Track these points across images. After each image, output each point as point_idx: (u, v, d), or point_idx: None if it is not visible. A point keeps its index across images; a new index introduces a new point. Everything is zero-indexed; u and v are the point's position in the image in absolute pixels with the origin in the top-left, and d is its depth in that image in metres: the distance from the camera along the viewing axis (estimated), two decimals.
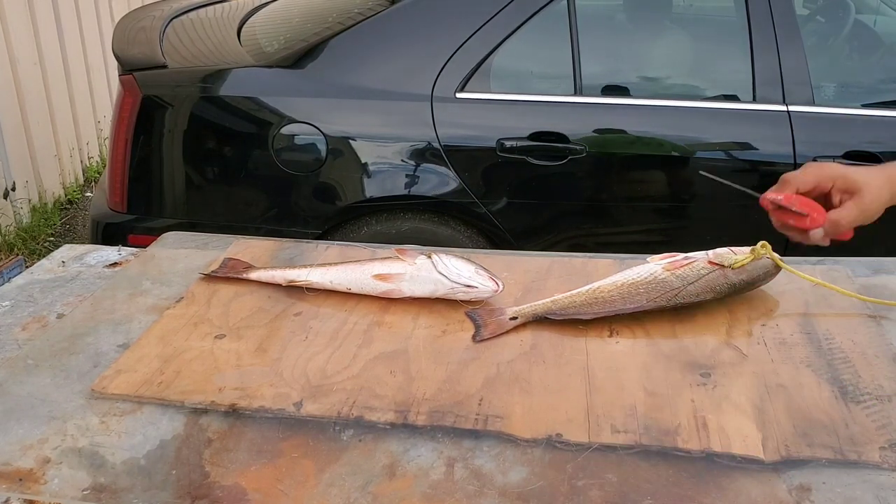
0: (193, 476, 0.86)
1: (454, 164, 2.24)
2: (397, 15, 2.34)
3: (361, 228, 2.29)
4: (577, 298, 1.17)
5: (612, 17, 2.85)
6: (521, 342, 1.11)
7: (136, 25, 2.59)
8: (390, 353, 1.09)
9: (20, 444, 0.91)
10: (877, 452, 0.87)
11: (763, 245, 1.22)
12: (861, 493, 0.82)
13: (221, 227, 2.14)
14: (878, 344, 1.09)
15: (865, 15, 2.83)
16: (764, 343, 1.10)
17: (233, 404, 0.97)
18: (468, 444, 0.91)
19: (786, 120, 2.22)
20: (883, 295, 1.22)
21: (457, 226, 2.31)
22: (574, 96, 2.30)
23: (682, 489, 0.83)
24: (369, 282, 1.22)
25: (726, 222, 2.41)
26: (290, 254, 1.40)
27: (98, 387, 1.01)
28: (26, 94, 3.80)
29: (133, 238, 2.28)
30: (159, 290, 1.28)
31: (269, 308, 1.21)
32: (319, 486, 0.84)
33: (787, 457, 0.87)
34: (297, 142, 2.26)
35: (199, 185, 2.37)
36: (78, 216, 4.07)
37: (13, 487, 0.85)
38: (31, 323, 1.21)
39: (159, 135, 2.29)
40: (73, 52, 4.19)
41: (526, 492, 0.83)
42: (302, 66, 2.30)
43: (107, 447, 0.91)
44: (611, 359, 1.07)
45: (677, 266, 1.19)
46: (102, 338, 1.14)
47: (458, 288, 1.19)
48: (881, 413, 0.94)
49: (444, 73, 2.24)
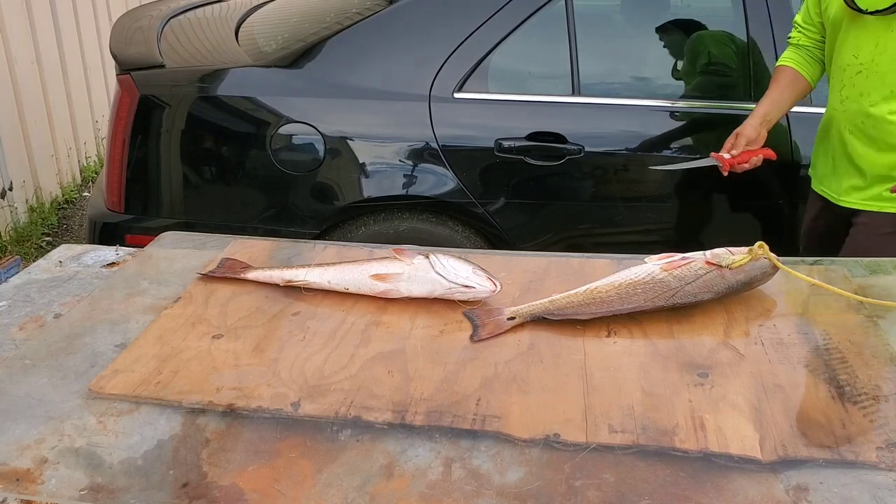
0: (191, 476, 0.86)
1: (452, 164, 2.24)
2: (395, 15, 2.33)
3: (359, 228, 2.29)
4: (574, 298, 1.17)
5: (609, 17, 2.85)
6: (518, 342, 1.11)
7: (134, 25, 2.59)
8: (388, 353, 1.09)
9: (17, 444, 0.91)
10: (874, 452, 0.88)
11: (760, 245, 1.22)
12: (858, 492, 0.82)
13: (219, 227, 2.14)
14: (875, 344, 1.09)
15: None
16: (761, 343, 1.10)
17: (230, 404, 0.97)
18: (466, 444, 0.91)
19: (784, 120, 2.23)
20: (880, 295, 1.22)
21: (454, 226, 2.31)
22: (572, 96, 2.30)
23: (679, 489, 0.83)
24: (367, 282, 1.22)
25: (725, 222, 2.41)
26: (287, 254, 1.40)
27: (95, 387, 1.01)
28: (23, 94, 3.79)
29: (130, 238, 2.27)
30: (157, 289, 1.28)
31: (266, 308, 1.21)
32: (317, 486, 0.84)
33: (784, 457, 0.87)
34: (294, 142, 2.26)
35: (197, 184, 2.36)
36: (75, 216, 4.07)
37: (10, 488, 0.84)
38: (29, 323, 1.20)
39: (157, 134, 2.29)
40: (70, 52, 4.18)
41: (523, 492, 0.83)
42: (300, 66, 2.29)
43: (104, 447, 0.90)
44: (608, 359, 1.07)
45: (675, 266, 1.20)
46: (100, 338, 1.14)
47: (456, 288, 1.19)
48: (878, 413, 0.94)
49: (442, 73, 2.24)
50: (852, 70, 1.82)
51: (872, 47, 1.78)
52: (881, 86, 1.78)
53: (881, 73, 1.78)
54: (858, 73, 1.81)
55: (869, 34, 1.78)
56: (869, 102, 1.80)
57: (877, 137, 1.81)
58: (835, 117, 1.90)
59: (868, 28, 1.78)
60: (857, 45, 1.81)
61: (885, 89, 1.78)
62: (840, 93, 1.86)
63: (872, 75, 1.79)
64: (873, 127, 1.80)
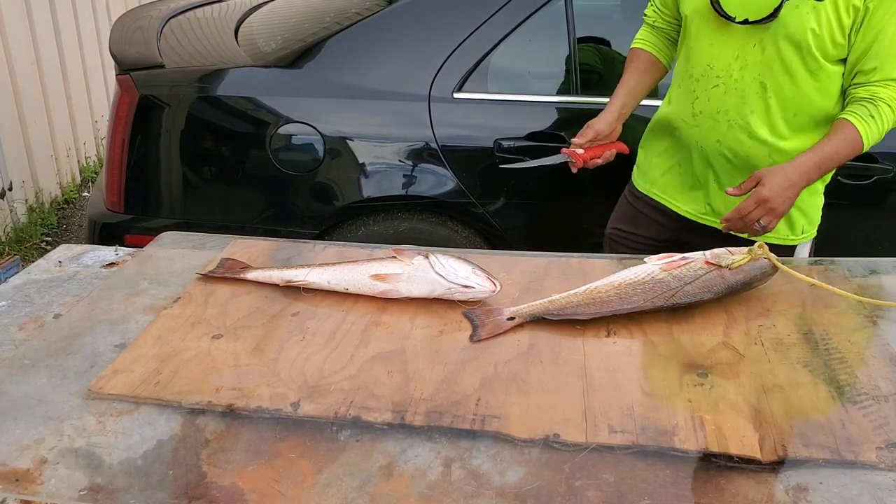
0: (190, 476, 0.86)
1: (451, 165, 2.23)
2: (395, 15, 2.33)
3: (359, 228, 2.29)
4: (574, 299, 1.17)
5: (609, 17, 2.85)
6: (518, 342, 1.11)
7: (133, 25, 2.59)
8: (388, 353, 1.09)
9: (17, 444, 0.91)
10: (873, 452, 0.88)
11: (760, 246, 1.22)
12: (858, 492, 0.82)
13: (218, 228, 2.14)
14: (875, 344, 1.09)
15: None
16: (761, 343, 1.10)
17: (230, 404, 0.97)
18: (465, 445, 0.91)
19: None
20: (879, 295, 1.22)
21: (454, 226, 2.31)
22: (571, 96, 2.30)
23: (679, 489, 0.83)
24: (367, 282, 1.22)
25: None
26: (287, 254, 1.40)
27: (95, 387, 1.01)
28: (23, 94, 3.79)
29: (130, 238, 2.27)
30: (156, 290, 1.28)
31: (266, 308, 1.21)
32: (317, 486, 0.84)
33: (784, 457, 0.87)
34: (294, 142, 2.26)
35: (197, 185, 2.36)
36: (75, 216, 4.06)
37: (10, 488, 0.84)
38: (28, 323, 1.20)
39: (156, 135, 2.29)
40: (70, 52, 4.18)
41: (523, 492, 0.83)
42: (299, 66, 2.29)
43: (104, 447, 0.90)
44: (608, 359, 1.07)
45: (675, 266, 1.20)
46: (99, 338, 1.14)
47: (456, 288, 1.19)
48: (878, 413, 0.94)
49: (441, 74, 2.24)
50: (707, 82, 1.60)
51: (732, 60, 1.56)
52: (741, 105, 1.57)
53: (741, 91, 1.56)
54: (715, 86, 1.59)
55: (729, 45, 1.56)
56: (727, 123, 1.59)
57: (736, 163, 1.62)
58: (685, 132, 1.68)
59: (730, 37, 1.55)
60: (712, 54, 1.58)
61: (745, 109, 1.57)
62: (692, 105, 1.65)
63: (732, 92, 1.57)
64: (730, 150, 1.62)
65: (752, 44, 1.54)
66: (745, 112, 1.58)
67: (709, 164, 1.67)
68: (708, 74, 1.60)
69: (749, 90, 1.56)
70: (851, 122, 1.49)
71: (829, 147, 1.50)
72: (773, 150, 1.59)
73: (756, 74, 1.55)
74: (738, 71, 1.56)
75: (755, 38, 1.53)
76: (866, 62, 1.49)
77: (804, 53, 1.50)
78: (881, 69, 1.48)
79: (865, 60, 1.49)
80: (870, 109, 1.49)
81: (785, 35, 1.49)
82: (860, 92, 1.51)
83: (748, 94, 1.56)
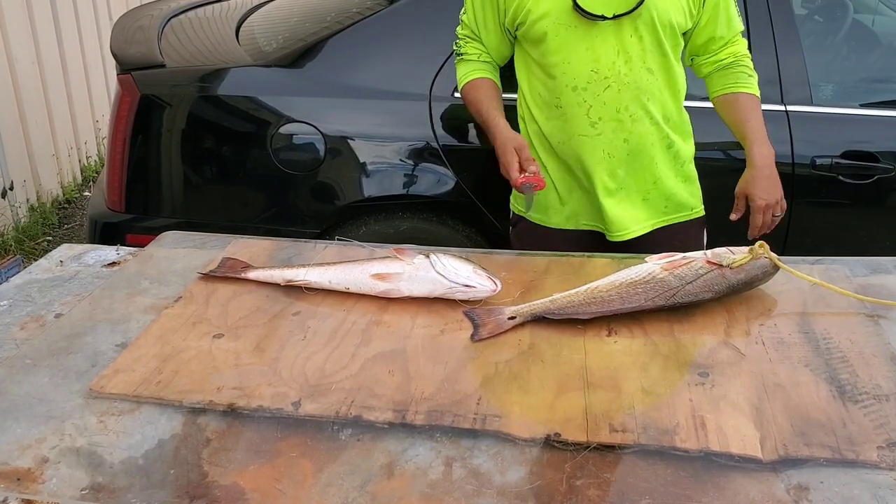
0: (192, 475, 0.86)
1: (452, 164, 2.23)
2: (396, 14, 2.33)
3: (360, 228, 2.29)
4: (575, 298, 1.17)
5: None
6: (519, 342, 1.11)
7: (135, 24, 2.58)
8: (389, 352, 1.09)
9: (18, 443, 0.91)
10: (874, 452, 0.87)
11: (761, 245, 1.22)
12: (859, 492, 0.82)
13: (219, 227, 2.13)
14: (876, 343, 1.09)
15: (864, 15, 2.83)
16: (762, 343, 1.10)
17: (231, 404, 0.97)
18: (466, 444, 0.91)
19: (784, 119, 2.22)
20: (881, 294, 1.22)
21: (455, 225, 2.30)
22: None
23: (680, 488, 0.83)
24: (367, 281, 1.22)
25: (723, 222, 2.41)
26: (288, 253, 1.40)
27: (96, 386, 1.01)
28: (24, 94, 3.79)
29: (131, 237, 2.27)
30: (157, 289, 1.28)
31: (267, 307, 1.21)
32: (318, 485, 0.84)
33: (785, 456, 0.87)
34: (295, 141, 2.26)
35: (198, 184, 2.36)
36: (76, 216, 4.07)
37: (11, 487, 0.84)
38: (30, 322, 1.21)
39: (157, 134, 2.29)
40: (71, 52, 4.18)
41: (524, 491, 0.83)
42: (300, 65, 2.29)
43: (105, 447, 0.91)
44: (609, 358, 1.07)
45: (675, 266, 1.19)
46: (100, 337, 1.14)
47: (457, 287, 1.19)
48: (879, 412, 0.94)
49: (442, 73, 2.24)
50: (597, 87, 1.59)
51: (615, 57, 1.57)
52: (638, 96, 1.60)
53: (635, 84, 1.59)
54: (607, 88, 1.59)
55: (606, 43, 1.57)
56: (630, 118, 1.62)
57: (635, 153, 1.65)
58: (584, 144, 1.64)
59: (604, 36, 1.57)
60: (593, 58, 1.58)
61: (642, 98, 1.61)
62: (587, 116, 1.62)
63: (625, 87, 1.59)
64: (637, 144, 1.63)
65: (628, 35, 1.58)
66: (643, 101, 1.63)
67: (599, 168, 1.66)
68: (594, 79, 1.60)
69: (640, 79, 1.61)
70: (751, 92, 1.70)
71: (757, 123, 1.69)
72: (669, 126, 1.68)
73: (641, 63, 1.60)
74: (625, 65, 1.59)
75: (630, 29, 1.58)
76: (717, 29, 1.68)
77: (675, 29, 1.61)
78: (730, 30, 1.69)
79: (717, 27, 1.67)
80: (745, 70, 1.71)
81: (657, 16, 1.57)
82: (722, 55, 1.71)
83: (641, 83, 1.61)
